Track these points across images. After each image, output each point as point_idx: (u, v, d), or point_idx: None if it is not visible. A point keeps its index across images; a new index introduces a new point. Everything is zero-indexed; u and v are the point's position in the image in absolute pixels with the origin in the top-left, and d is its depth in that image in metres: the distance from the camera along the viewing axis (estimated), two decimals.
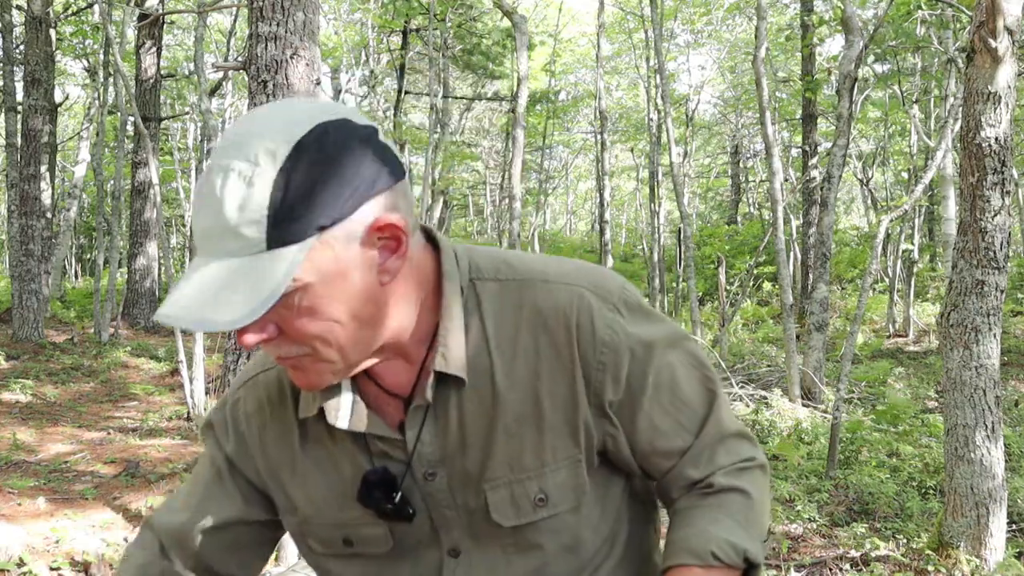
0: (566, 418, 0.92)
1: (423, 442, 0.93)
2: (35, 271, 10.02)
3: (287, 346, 0.83)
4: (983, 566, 3.38)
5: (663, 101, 10.35)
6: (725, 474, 0.97)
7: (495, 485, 0.93)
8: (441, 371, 0.89)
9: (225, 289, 0.76)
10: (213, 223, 0.76)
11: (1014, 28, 3.30)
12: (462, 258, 0.94)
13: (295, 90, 4.34)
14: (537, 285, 0.93)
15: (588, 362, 0.91)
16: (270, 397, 1.00)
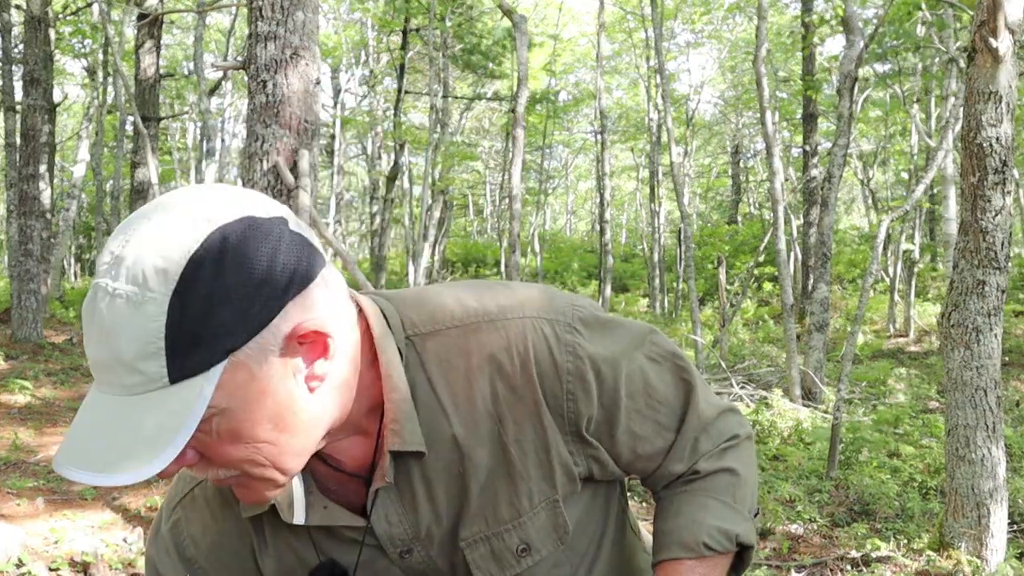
0: (538, 461, 0.87)
1: (390, 523, 0.87)
2: (34, 271, 10.01)
3: (214, 470, 0.75)
4: (984, 566, 3.37)
5: (663, 101, 10.35)
6: (708, 458, 0.94)
7: (472, 542, 0.88)
8: (398, 451, 0.82)
9: (126, 432, 0.68)
10: (107, 356, 0.68)
11: (1015, 28, 3.30)
12: (392, 316, 0.86)
13: (295, 90, 4.33)
14: (482, 328, 0.85)
15: (555, 396, 0.85)
16: (213, 513, 0.91)
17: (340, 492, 0.87)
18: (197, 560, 0.92)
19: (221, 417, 0.71)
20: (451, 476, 0.86)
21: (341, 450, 0.85)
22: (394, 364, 0.83)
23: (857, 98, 9.66)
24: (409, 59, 16.16)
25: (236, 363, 0.70)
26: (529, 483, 0.87)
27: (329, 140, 18.91)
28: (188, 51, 20.82)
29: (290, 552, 0.89)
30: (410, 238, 15.04)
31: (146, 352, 0.67)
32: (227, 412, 0.71)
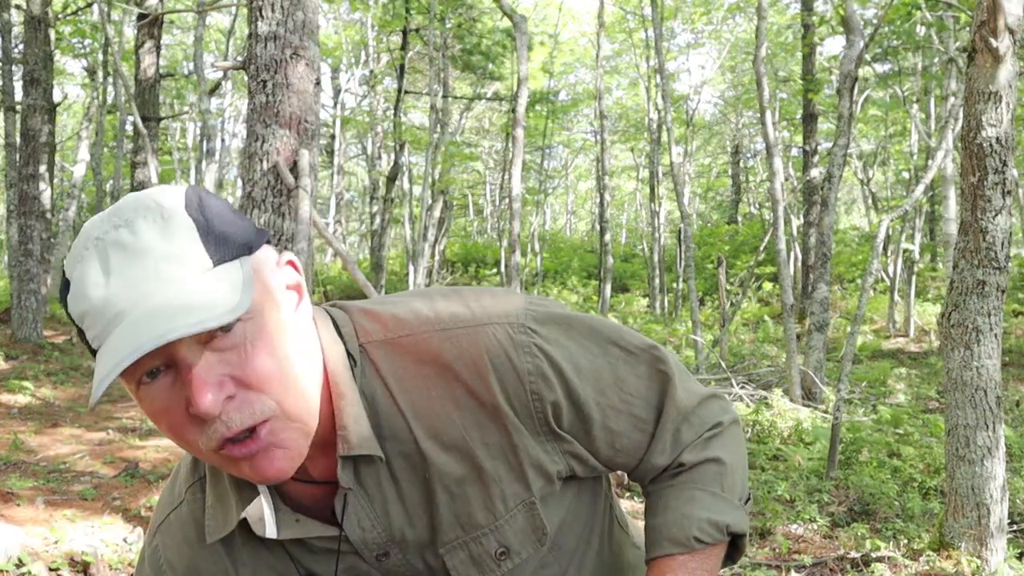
0: (509, 465, 0.86)
1: (363, 528, 0.86)
2: (34, 271, 10.01)
3: (249, 404, 0.74)
4: (984, 567, 3.37)
5: (663, 101, 10.35)
6: (692, 449, 0.93)
7: (450, 548, 0.88)
8: (347, 456, 0.82)
9: (183, 304, 0.69)
10: (139, 266, 0.71)
11: (1015, 27, 3.30)
12: (344, 324, 0.87)
13: (295, 90, 4.33)
14: (435, 337, 0.85)
15: (519, 398, 0.85)
16: (187, 537, 0.91)
17: (313, 505, 0.87)
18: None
19: (250, 325, 0.74)
20: (418, 481, 0.86)
21: (311, 462, 0.84)
22: (341, 370, 0.83)
23: (857, 98, 9.66)
24: (409, 59, 16.16)
25: (254, 265, 0.76)
26: (501, 486, 0.87)
27: (329, 140, 18.92)
28: (188, 51, 20.83)
29: (268, 570, 0.89)
30: (410, 238, 15.04)
31: (185, 242, 0.73)
32: (255, 319, 0.74)
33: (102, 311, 0.71)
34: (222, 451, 0.75)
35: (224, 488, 0.87)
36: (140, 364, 0.72)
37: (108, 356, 0.70)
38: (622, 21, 18.60)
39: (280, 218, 4.32)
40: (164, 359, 0.73)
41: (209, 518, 0.88)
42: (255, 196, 4.32)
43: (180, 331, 0.67)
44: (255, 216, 4.31)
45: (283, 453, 0.77)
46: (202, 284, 0.72)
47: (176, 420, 0.75)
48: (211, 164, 9.43)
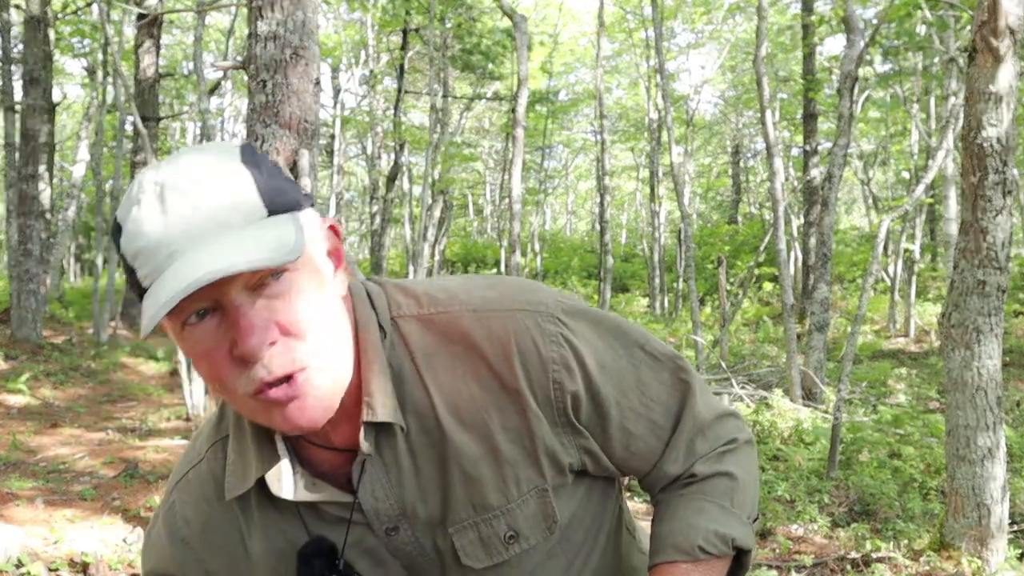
0: (524, 450, 0.87)
1: (376, 498, 0.87)
2: (33, 271, 10.00)
3: (288, 351, 0.76)
4: (984, 567, 3.37)
5: (663, 101, 10.34)
6: (705, 461, 0.94)
7: (460, 528, 0.88)
8: (370, 421, 0.83)
9: (241, 246, 0.72)
10: (199, 210, 0.73)
11: (1016, 27, 3.29)
12: (378, 297, 0.89)
13: (294, 90, 4.33)
14: (466, 317, 0.86)
15: (541, 385, 0.86)
16: (205, 494, 0.93)
17: (330, 472, 0.88)
18: (190, 541, 0.93)
19: (296, 275, 0.77)
20: (435, 456, 0.86)
21: (333, 428, 0.85)
22: (371, 340, 0.85)
23: (857, 98, 9.66)
24: (409, 59, 16.16)
25: (304, 220, 0.79)
26: (516, 470, 0.87)
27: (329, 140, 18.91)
28: (188, 51, 20.82)
29: (279, 533, 0.90)
30: (410, 238, 15.04)
31: (243, 191, 0.75)
32: (300, 271, 0.77)
33: (157, 249, 0.73)
34: (259, 396, 0.77)
35: (246, 446, 0.88)
36: (189, 304, 0.74)
37: (165, 288, 0.71)
38: (622, 21, 18.59)
39: None
40: (212, 301, 0.75)
41: (229, 475, 0.89)
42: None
43: (239, 267, 0.70)
44: None
45: (315, 403, 0.78)
46: (257, 230, 0.74)
47: (218, 362, 0.76)
48: None
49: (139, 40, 12.78)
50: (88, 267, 25.54)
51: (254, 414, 0.81)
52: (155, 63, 12.90)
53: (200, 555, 0.93)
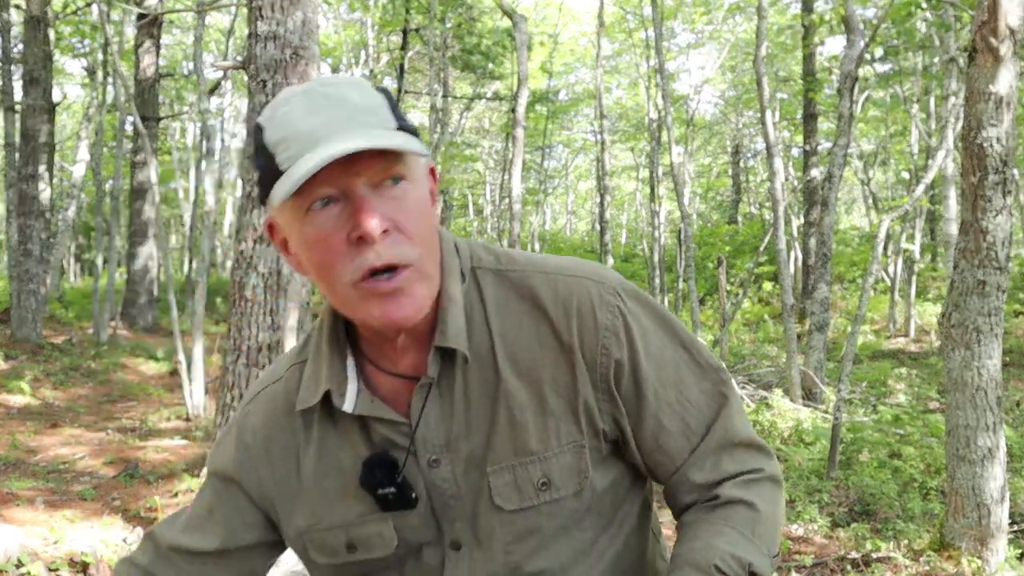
0: (568, 405, 0.94)
1: (427, 425, 0.94)
2: (33, 271, 10.00)
3: (399, 245, 0.85)
4: (984, 567, 3.37)
5: (663, 101, 10.34)
6: (732, 485, 0.96)
7: (498, 469, 0.94)
8: (441, 345, 0.91)
9: (377, 137, 0.82)
10: (341, 111, 0.83)
11: (1016, 28, 3.29)
12: (463, 248, 0.98)
13: None
14: (536, 277, 0.96)
15: (591, 347, 0.93)
16: (275, 408, 1.02)
17: (389, 398, 0.96)
18: (252, 448, 1.02)
19: (411, 186, 0.86)
20: (487, 396, 0.94)
21: (402, 354, 0.94)
22: (455, 282, 0.94)
23: (857, 98, 9.66)
24: (409, 59, 16.15)
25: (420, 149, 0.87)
26: (559, 421, 0.94)
27: None
28: (188, 51, 20.82)
29: (332, 450, 0.98)
30: None
31: (378, 105, 0.85)
32: (414, 186, 0.87)
33: (302, 135, 0.83)
34: (363, 283, 0.85)
35: (321, 366, 0.96)
36: (318, 188, 0.83)
37: (308, 163, 0.80)
38: (622, 21, 18.58)
39: None
40: (339, 191, 0.84)
41: (303, 390, 0.98)
42: (255, 196, 4.31)
43: (377, 145, 0.80)
44: (255, 216, 4.31)
45: (410, 301, 0.87)
46: (389, 131, 0.84)
47: (332, 246, 0.84)
48: (211, 164, 9.43)
49: (139, 40, 12.77)
50: (88, 267, 25.54)
51: (352, 305, 0.88)
52: (155, 63, 12.89)
53: (257, 462, 1.01)
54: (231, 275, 4.51)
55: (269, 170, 0.85)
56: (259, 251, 4.30)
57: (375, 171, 0.84)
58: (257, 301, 4.29)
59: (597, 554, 0.99)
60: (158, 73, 13.04)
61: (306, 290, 4.33)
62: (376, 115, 0.85)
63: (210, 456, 1.07)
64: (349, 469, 0.96)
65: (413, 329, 0.92)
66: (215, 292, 15.90)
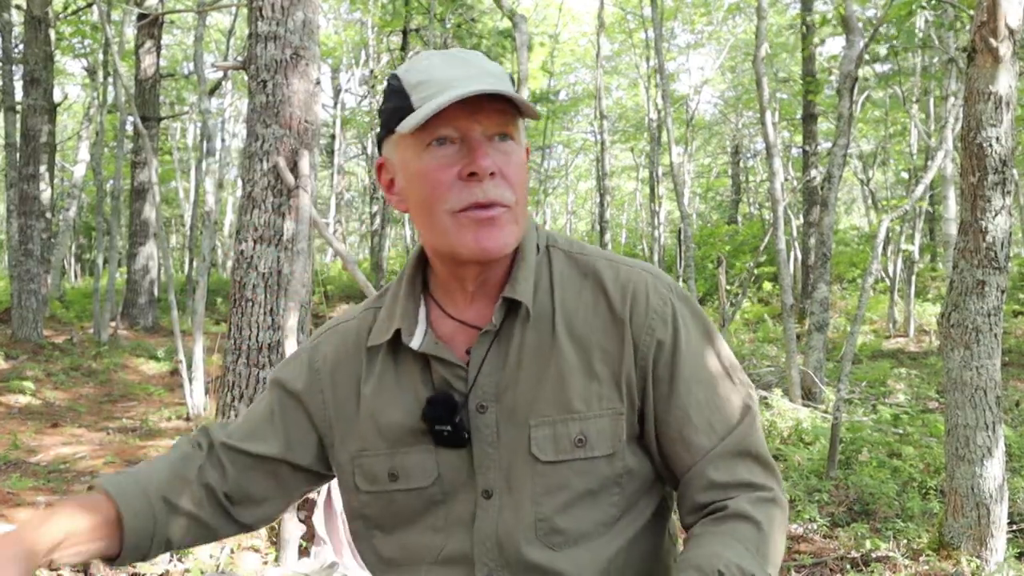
0: (612, 372, 1.02)
1: (483, 372, 1.03)
2: (34, 271, 10.01)
3: (501, 188, 0.98)
4: (984, 566, 3.37)
5: (663, 101, 10.35)
6: (745, 500, 1.00)
7: (540, 423, 1.01)
8: (509, 296, 1.02)
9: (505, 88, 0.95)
10: (478, 68, 0.97)
11: (1015, 28, 3.30)
12: (540, 228, 1.11)
13: (294, 90, 4.33)
14: (601, 262, 1.08)
15: (639, 326, 1.03)
16: (345, 341, 1.13)
17: (453, 343, 1.06)
18: (321, 372, 1.12)
19: (517, 147, 1.01)
20: (540, 354, 1.02)
21: (471, 302, 1.06)
22: (531, 250, 1.07)
23: (857, 98, 9.66)
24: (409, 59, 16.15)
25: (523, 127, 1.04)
26: (602, 387, 1.02)
27: (329, 140, 18.91)
28: (188, 51, 20.81)
29: (389, 388, 1.07)
30: (410, 238, 15.04)
31: (504, 73, 1.00)
32: (520, 149, 1.01)
33: (439, 82, 0.95)
34: (465, 212, 0.97)
35: (395, 308, 1.08)
36: (441, 128, 0.96)
37: (444, 97, 0.93)
38: (622, 21, 18.59)
39: (280, 218, 4.32)
40: (458, 133, 0.97)
41: (375, 330, 1.09)
42: (255, 196, 4.32)
43: (506, 92, 0.94)
44: (255, 216, 4.32)
45: (500, 234, 0.98)
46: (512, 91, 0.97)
47: (443, 179, 0.97)
48: (211, 164, 9.43)
49: (139, 40, 12.78)
50: (89, 267, 25.54)
51: (448, 234, 0.99)
52: (155, 63, 12.89)
53: (323, 385, 1.11)
54: (231, 275, 4.52)
55: (400, 108, 0.98)
56: (259, 251, 4.30)
57: (492, 123, 0.97)
58: (257, 301, 4.29)
59: (616, 532, 1.03)
60: (159, 73, 13.04)
61: (306, 290, 4.34)
62: (504, 81, 0.98)
63: (275, 371, 1.15)
64: (405, 404, 1.05)
65: (486, 280, 1.04)
66: (215, 292, 15.90)
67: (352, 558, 3.46)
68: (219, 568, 3.48)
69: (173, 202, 22.56)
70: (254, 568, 3.56)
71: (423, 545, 1.05)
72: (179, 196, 12.04)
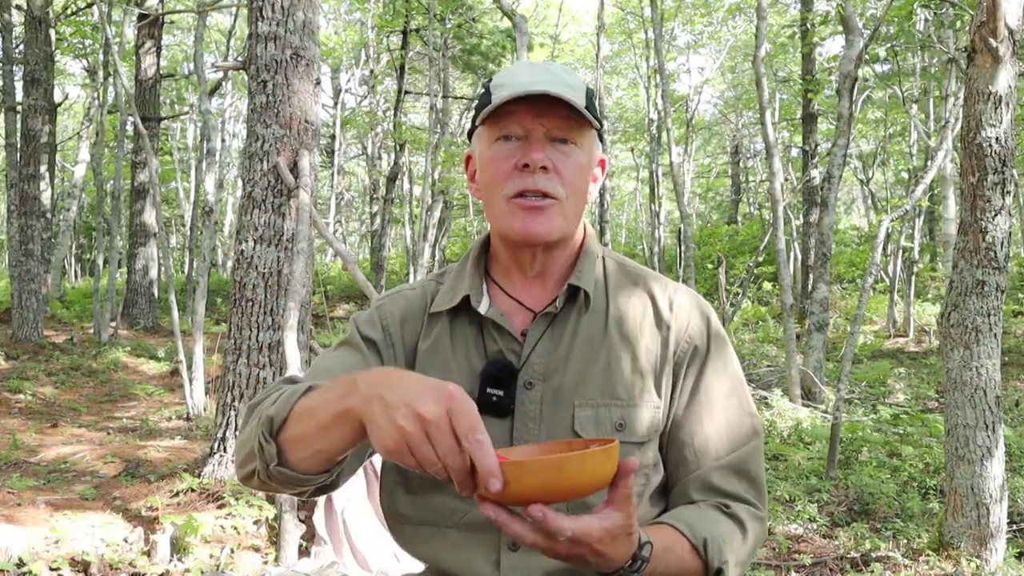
0: (653, 370, 1.12)
1: (537, 351, 1.10)
2: (35, 271, 10.01)
3: (552, 182, 1.07)
4: (983, 566, 3.37)
5: (663, 101, 10.35)
6: (742, 508, 1.09)
7: (584, 405, 1.09)
8: (574, 284, 1.12)
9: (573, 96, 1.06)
10: (553, 77, 1.07)
11: (1015, 28, 3.30)
12: (599, 240, 1.23)
13: (294, 90, 4.34)
14: (651, 276, 1.19)
15: (679, 334, 1.13)
16: (411, 304, 1.21)
17: (511, 319, 1.15)
18: (389, 328, 1.20)
19: (577, 151, 1.10)
20: (591, 344, 1.12)
21: (531, 286, 1.16)
22: (595, 251, 1.18)
23: (857, 98, 9.66)
24: (409, 59, 16.15)
25: (595, 138, 1.13)
26: (644, 380, 1.11)
27: (329, 140, 18.91)
28: (188, 51, 20.82)
29: (443, 351, 1.15)
30: (410, 238, 15.04)
31: (581, 86, 1.10)
32: (581, 154, 1.10)
33: (518, 81, 1.06)
34: (516, 198, 1.08)
35: (462, 282, 1.17)
36: (510, 124, 1.08)
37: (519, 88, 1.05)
38: (622, 22, 18.60)
39: (280, 218, 4.32)
40: (524, 131, 1.08)
41: (439, 297, 1.19)
42: (255, 196, 4.32)
43: (571, 99, 1.04)
44: (255, 216, 4.32)
45: (545, 221, 1.08)
46: (581, 102, 1.07)
47: (504, 169, 1.08)
48: (211, 164, 9.43)
49: (140, 41, 12.78)
50: (89, 267, 25.55)
51: (502, 218, 1.10)
52: (156, 64, 12.90)
53: (393, 338, 1.19)
54: (231, 275, 4.52)
55: (483, 105, 1.09)
56: (259, 251, 4.30)
57: (555, 125, 1.08)
58: (257, 301, 4.29)
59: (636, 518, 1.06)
60: (159, 73, 13.05)
61: (306, 290, 4.34)
62: (577, 92, 1.07)
63: (350, 329, 1.22)
64: (458, 367, 1.13)
65: (545, 268, 1.15)
66: (215, 292, 15.91)
67: (352, 558, 3.46)
68: (219, 568, 3.48)
69: (173, 202, 22.57)
70: (254, 568, 3.56)
71: (448, 508, 1.08)
72: (179, 196, 12.04)
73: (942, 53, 10.27)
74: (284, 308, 4.10)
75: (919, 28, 10.17)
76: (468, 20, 15.01)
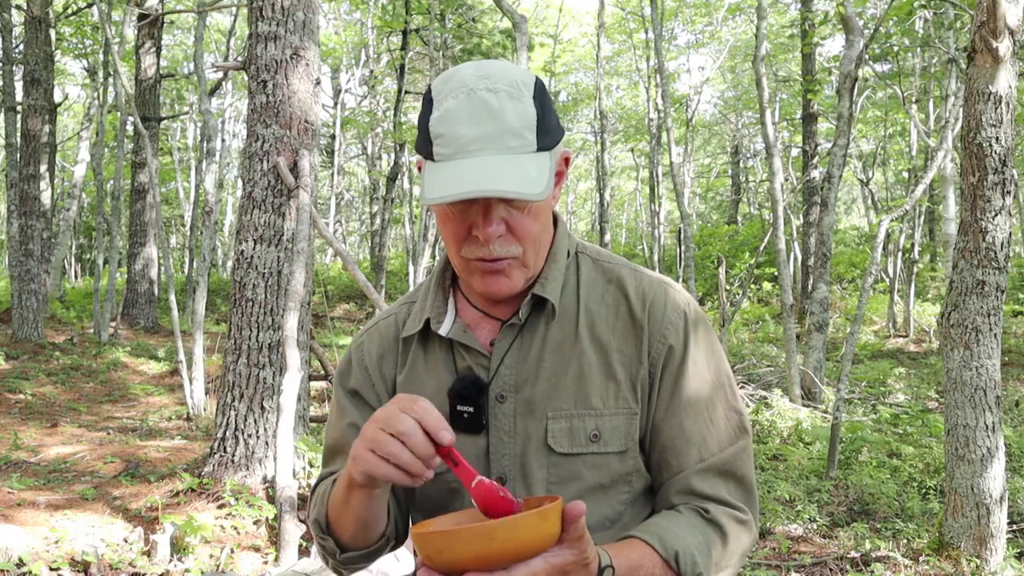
0: (629, 374, 1.08)
1: (505, 363, 1.08)
2: (35, 271, 10.02)
3: (509, 244, 1.03)
4: (983, 566, 3.37)
5: (663, 101, 10.35)
6: (724, 513, 1.05)
7: (557, 416, 1.06)
8: (539, 294, 1.08)
9: (515, 174, 0.96)
10: (494, 127, 0.96)
11: (1015, 28, 3.30)
12: (572, 236, 1.18)
13: (294, 90, 4.34)
14: (625, 270, 1.15)
15: (654, 331, 1.09)
16: (386, 336, 1.20)
17: (478, 332, 1.13)
18: (369, 368, 1.19)
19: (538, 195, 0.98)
20: (561, 351, 1.09)
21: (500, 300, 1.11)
22: (563, 254, 1.14)
23: (857, 98, 9.66)
24: (409, 59, 16.15)
25: (553, 156, 1.03)
26: (619, 387, 1.07)
27: (329, 140, 18.92)
28: (188, 51, 20.83)
29: (418, 375, 1.14)
30: (410, 238, 15.04)
31: (527, 126, 0.98)
32: (540, 197, 0.97)
33: (456, 141, 0.97)
34: (475, 262, 1.04)
35: (427, 303, 1.16)
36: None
37: (453, 181, 0.95)
38: (622, 22, 18.60)
39: (280, 218, 4.32)
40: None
41: (410, 320, 1.17)
42: (255, 196, 4.32)
43: (510, 193, 0.94)
44: (255, 216, 4.32)
45: (506, 281, 1.05)
46: (527, 162, 0.98)
47: (459, 232, 1.03)
48: (211, 164, 9.43)
49: (140, 41, 12.78)
50: (89, 267, 25.55)
51: (462, 271, 1.07)
52: (156, 64, 12.90)
53: (373, 379, 1.18)
54: (231, 275, 4.52)
55: (426, 146, 1.01)
56: (259, 251, 4.30)
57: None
58: (257, 301, 4.29)
59: (618, 530, 1.06)
60: (159, 73, 13.04)
61: (306, 290, 4.34)
62: (522, 139, 0.98)
63: (336, 382, 1.23)
64: (429, 388, 1.11)
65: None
66: (215, 292, 15.91)
67: None
68: (219, 568, 3.48)
69: (173, 202, 22.57)
70: (254, 568, 3.56)
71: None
72: (179, 196, 12.04)
73: (942, 53, 10.26)
74: (284, 308, 4.10)
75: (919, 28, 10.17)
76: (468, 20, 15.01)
